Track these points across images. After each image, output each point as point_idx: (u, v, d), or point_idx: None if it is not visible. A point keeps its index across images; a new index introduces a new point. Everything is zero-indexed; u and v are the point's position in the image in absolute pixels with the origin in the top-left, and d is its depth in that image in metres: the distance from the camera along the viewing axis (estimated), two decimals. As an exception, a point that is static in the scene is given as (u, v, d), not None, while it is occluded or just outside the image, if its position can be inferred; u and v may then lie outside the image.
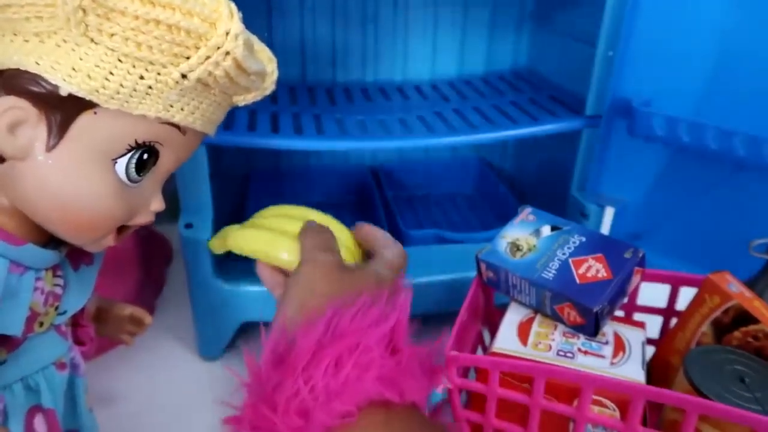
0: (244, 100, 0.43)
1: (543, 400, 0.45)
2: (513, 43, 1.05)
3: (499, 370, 0.46)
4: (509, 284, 0.51)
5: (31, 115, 0.35)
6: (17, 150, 0.35)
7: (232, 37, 0.34)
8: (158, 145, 0.38)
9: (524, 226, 0.55)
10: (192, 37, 0.34)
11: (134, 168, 0.38)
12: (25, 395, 0.43)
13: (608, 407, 0.44)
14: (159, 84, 0.35)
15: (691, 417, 0.41)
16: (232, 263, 0.77)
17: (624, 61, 0.81)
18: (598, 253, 0.50)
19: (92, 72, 0.34)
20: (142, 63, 0.34)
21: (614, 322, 0.51)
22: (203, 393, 0.75)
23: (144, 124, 0.37)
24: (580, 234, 0.53)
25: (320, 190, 1.03)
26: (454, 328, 0.49)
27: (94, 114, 0.35)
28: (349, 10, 0.98)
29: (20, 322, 0.40)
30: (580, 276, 0.49)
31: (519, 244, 0.53)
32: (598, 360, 0.46)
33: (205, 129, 0.40)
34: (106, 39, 0.33)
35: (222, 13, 0.34)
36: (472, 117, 0.84)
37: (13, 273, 0.39)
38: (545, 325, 0.51)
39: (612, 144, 0.85)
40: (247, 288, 0.75)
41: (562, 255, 0.51)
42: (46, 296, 0.42)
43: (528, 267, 0.50)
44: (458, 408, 0.49)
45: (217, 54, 0.34)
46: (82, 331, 0.52)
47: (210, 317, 0.77)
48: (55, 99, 0.34)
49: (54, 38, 0.34)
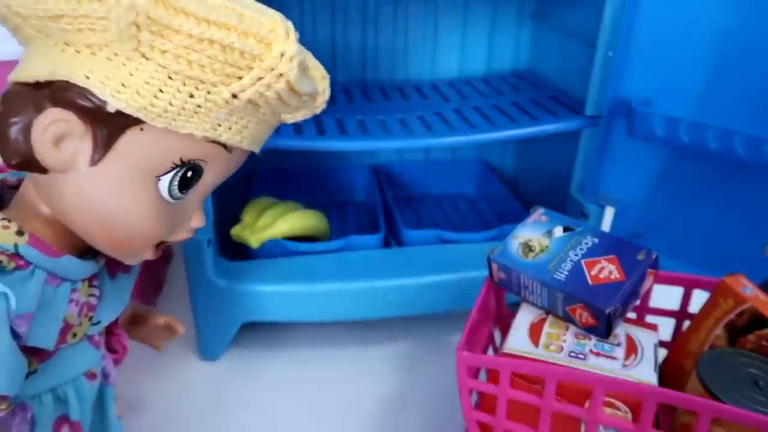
0: (293, 118, 0.42)
1: (554, 401, 0.45)
2: (513, 43, 1.05)
3: (510, 371, 0.46)
4: (521, 285, 0.51)
5: (77, 129, 0.34)
6: (60, 162, 0.35)
7: (287, 59, 0.33)
8: (203, 162, 0.38)
9: (536, 226, 0.54)
10: (246, 58, 0.33)
11: (177, 185, 0.37)
12: (54, 405, 0.42)
13: (620, 409, 0.44)
14: (208, 103, 0.34)
15: (703, 420, 0.41)
16: (232, 263, 0.77)
17: (624, 61, 0.81)
18: (611, 254, 0.50)
19: (141, 89, 0.33)
20: (192, 81, 0.34)
21: (626, 324, 0.51)
22: (204, 393, 0.75)
23: (190, 142, 0.36)
24: (592, 235, 0.53)
25: (320, 190, 1.03)
26: (465, 329, 0.48)
27: (141, 130, 0.35)
28: (349, 10, 0.98)
29: (54, 335, 0.39)
30: (593, 277, 0.49)
31: (531, 244, 0.52)
32: (609, 362, 0.46)
33: (252, 147, 0.40)
34: (157, 55, 0.33)
35: (278, 34, 0.33)
36: (473, 117, 0.84)
37: (49, 285, 0.38)
38: (557, 326, 0.51)
39: (612, 144, 0.85)
40: (248, 288, 0.75)
41: (574, 256, 0.51)
42: (80, 307, 0.41)
43: (540, 268, 0.50)
44: (469, 409, 0.49)
45: (270, 75, 0.34)
46: (115, 338, 0.51)
47: (210, 317, 0.77)
48: (103, 114, 0.34)
49: (105, 51, 0.33)
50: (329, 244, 0.81)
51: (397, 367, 0.80)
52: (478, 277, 0.58)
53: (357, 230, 0.92)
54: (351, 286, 0.76)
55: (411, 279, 0.77)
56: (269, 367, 0.80)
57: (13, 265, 0.36)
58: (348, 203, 1.05)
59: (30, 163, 0.35)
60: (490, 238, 0.85)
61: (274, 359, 0.81)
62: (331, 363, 0.81)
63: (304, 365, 0.80)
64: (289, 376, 0.78)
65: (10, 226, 0.37)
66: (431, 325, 0.86)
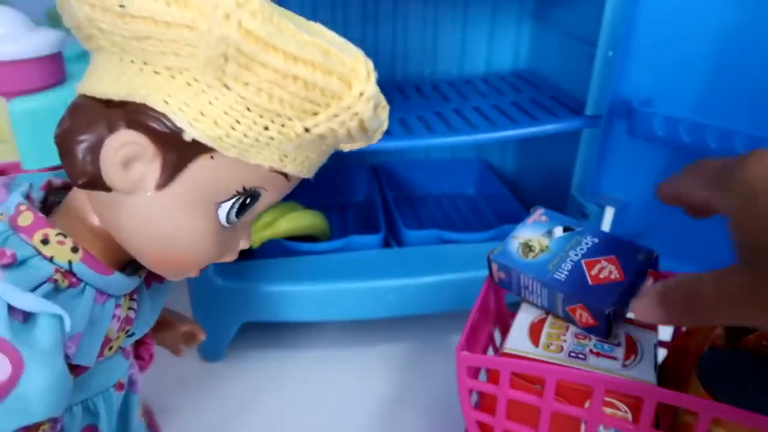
0: (350, 147, 0.42)
1: (554, 401, 0.45)
2: (513, 43, 1.05)
3: (510, 371, 0.46)
4: (521, 285, 0.51)
5: (148, 152, 0.33)
6: (127, 184, 0.34)
7: (365, 99, 0.33)
8: (262, 189, 0.38)
9: (537, 226, 0.54)
10: (326, 96, 0.33)
11: (236, 212, 0.37)
12: (83, 416, 0.42)
13: (620, 409, 0.44)
14: (280, 136, 0.34)
15: (703, 420, 0.41)
16: (232, 263, 0.77)
17: (624, 61, 0.81)
18: (611, 254, 0.50)
19: (220, 119, 0.32)
20: (270, 114, 0.33)
21: (626, 324, 0.51)
22: (203, 393, 0.75)
23: (255, 171, 0.36)
24: (592, 235, 0.52)
25: (320, 189, 1.03)
26: (465, 329, 0.48)
27: (211, 158, 0.34)
28: (349, 10, 0.98)
29: (96, 352, 0.38)
30: (593, 277, 0.48)
31: (531, 244, 0.52)
32: (609, 362, 0.46)
33: (309, 175, 0.40)
34: (239, 87, 0.32)
35: (360, 73, 0.33)
36: (473, 117, 0.84)
37: (96, 302, 0.38)
38: (557, 326, 0.50)
39: (612, 144, 0.85)
40: (248, 288, 0.75)
41: (574, 256, 0.50)
42: (121, 322, 0.41)
43: (540, 268, 0.50)
44: (468, 409, 0.49)
45: (346, 114, 0.33)
46: (144, 347, 0.51)
47: (210, 317, 0.77)
48: (177, 140, 0.33)
49: (185, 75, 0.32)
50: (329, 244, 0.81)
51: (397, 367, 0.80)
52: (478, 277, 0.58)
53: (357, 230, 0.92)
54: (351, 286, 0.76)
55: (411, 279, 0.77)
56: (269, 367, 0.80)
57: (67, 283, 0.36)
58: (348, 203, 1.05)
59: (96, 183, 0.34)
60: (490, 238, 0.85)
61: (275, 359, 0.81)
62: (331, 363, 0.81)
63: (305, 365, 0.80)
64: (289, 376, 0.78)
65: (66, 242, 0.36)
66: (431, 325, 0.86)
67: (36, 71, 0.64)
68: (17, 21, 0.63)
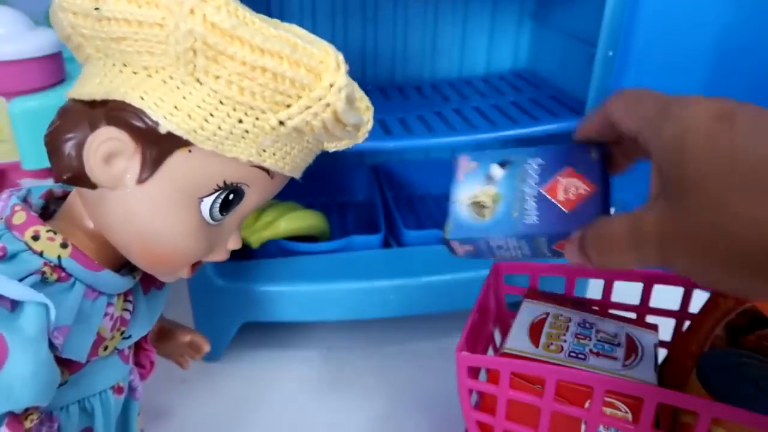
0: (335, 147, 0.43)
1: (554, 401, 0.45)
2: (513, 43, 1.05)
3: (510, 371, 0.46)
4: (492, 249, 0.44)
5: (128, 148, 0.35)
6: (109, 179, 0.36)
7: (336, 90, 0.34)
8: (245, 186, 0.39)
9: (472, 177, 0.46)
10: (296, 87, 0.34)
11: (218, 207, 0.38)
12: (80, 417, 0.43)
13: (620, 409, 0.44)
14: (255, 129, 0.35)
15: (703, 420, 0.41)
16: (232, 263, 0.77)
17: (624, 61, 0.81)
18: (565, 167, 0.43)
19: (193, 112, 0.34)
20: (242, 107, 0.35)
21: (627, 324, 0.51)
22: (203, 393, 0.75)
23: (235, 166, 0.37)
24: (532, 156, 0.45)
25: (320, 190, 1.03)
26: (465, 328, 0.48)
27: (188, 152, 0.36)
28: (349, 10, 0.98)
29: (87, 347, 0.39)
30: (563, 203, 0.41)
31: (480, 200, 0.44)
32: (610, 362, 0.46)
33: (293, 173, 0.41)
34: (211, 81, 0.34)
35: (329, 65, 0.34)
36: (472, 117, 0.84)
37: (87, 298, 0.39)
38: (557, 326, 0.51)
39: (612, 144, 0.85)
40: (248, 288, 0.75)
41: (531, 189, 0.43)
42: (114, 321, 0.42)
43: (505, 222, 0.42)
44: (468, 409, 0.49)
45: (317, 105, 0.34)
46: (144, 354, 0.52)
47: (210, 317, 0.77)
48: (154, 135, 0.35)
49: (162, 74, 0.34)
50: (329, 244, 0.81)
51: (398, 367, 0.80)
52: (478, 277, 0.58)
53: (357, 230, 0.92)
54: (351, 286, 0.76)
55: (411, 279, 0.77)
56: (269, 367, 0.80)
57: (56, 276, 0.37)
58: (348, 203, 1.05)
59: (80, 179, 0.36)
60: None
61: (274, 359, 0.81)
62: (331, 363, 0.81)
63: (305, 365, 0.80)
64: (289, 376, 0.78)
65: (56, 238, 0.38)
66: (431, 325, 0.86)
67: (36, 71, 0.64)
68: (17, 21, 0.63)
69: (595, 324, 0.52)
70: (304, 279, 0.76)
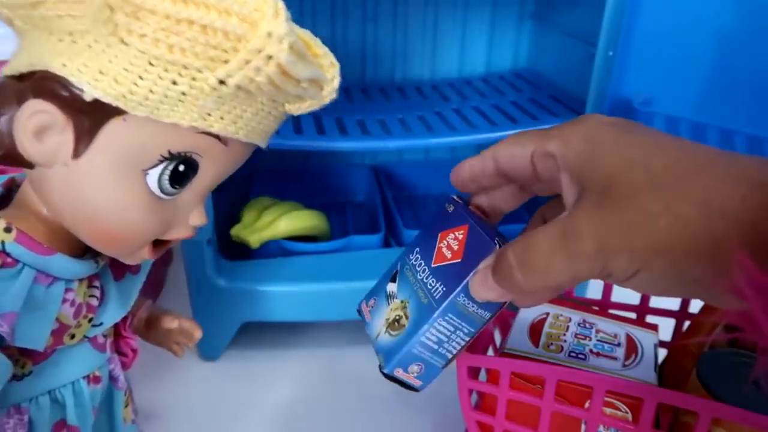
0: (298, 109, 0.39)
1: (554, 401, 0.45)
2: (513, 43, 1.05)
3: (510, 371, 0.46)
4: (438, 351, 0.40)
5: (58, 121, 0.33)
6: (44, 156, 0.34)
7: (276, 39, 0.31)
8: (197, 156, 0.36)
9: (377, 311, 0.44)
10: (230, 39, 0.31)
11: (168, 180, 0.36)
12: (51, 409, 0.41)
13: (620, 409, 0.44)
14: (194, 90, 0.33)
15: (704, 420, 0.41)
16: (232, 263, 0.77)
17: (624, 61, 0.81)
18: (437, 235, 0.41)
19: (120, 76, 0.31)
20: (174, 67, 0.32)
21: (627, 324, 0.51)
22: (203, 393, 0.75)
23: (178, 133, 0.34)
24: (411, 251, 0.44)
25: (320, 190, 1.03)
26: (465, 330, 0.48)
27: (123, 121, 0.33)
28: (349, 10, 0.98)
29: (44, 335, 0.37)
30: (453, 257, 0.39)
31: (393, 317, 0.42)
32: (610, 362, 0.46)
33: (252, 139, 0.37)
34: (136, 40, 0.31)
35: (265, 12, 0.30)
36: (472, 117, 0.84)
37: (39, 284, 0.37)
38: (557, 326, 0.51)
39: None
40: (248, 288, 0.75)
41: (424, 274, 0.40)
42: (77, 308, 0.39)
43: (423, 313, 0.39)
44: (468, 409, 0.49)
45: (258, 58, 0.31)
46: (124, 342, 0.49)
47: (210, 317, 0.77)
48: (82, 104, 0.32)
49: (86, 38, 0.31)
50: (329, 244, 0.81)
51: (397, 367, 0.80)
52: (478, 277, 0.58)
53: (357, 230, 0.92)
54: (351, 286, 0.76)
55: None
56: (269, 367, 0.80)
57: (0, 262, 0.35)
58: (348, 203, 1.05)
59: (14, 157, 0.34)
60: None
61: (274, 359, 0.81)
62: (331, 363, 0.81)
63: (305, 365, 0.80)
64: (289, 376, 0.78)
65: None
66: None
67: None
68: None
69: (595, 324, 0.52)
70: (304, 279, 0.76)
